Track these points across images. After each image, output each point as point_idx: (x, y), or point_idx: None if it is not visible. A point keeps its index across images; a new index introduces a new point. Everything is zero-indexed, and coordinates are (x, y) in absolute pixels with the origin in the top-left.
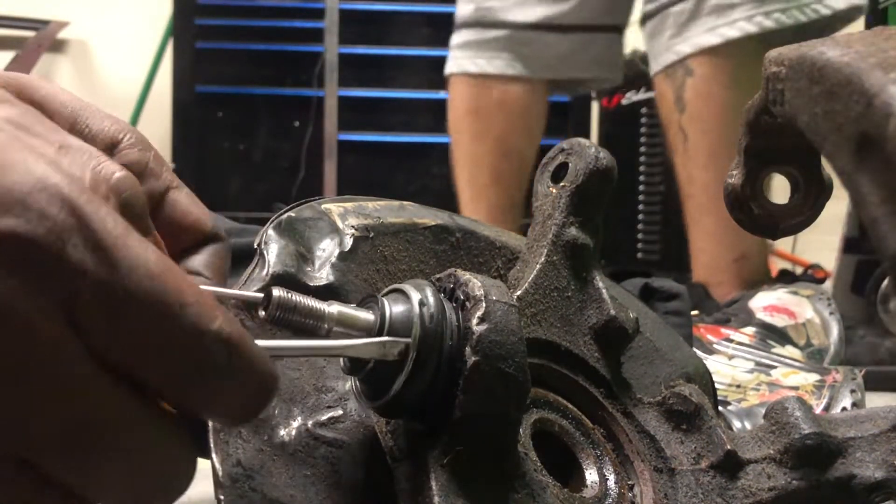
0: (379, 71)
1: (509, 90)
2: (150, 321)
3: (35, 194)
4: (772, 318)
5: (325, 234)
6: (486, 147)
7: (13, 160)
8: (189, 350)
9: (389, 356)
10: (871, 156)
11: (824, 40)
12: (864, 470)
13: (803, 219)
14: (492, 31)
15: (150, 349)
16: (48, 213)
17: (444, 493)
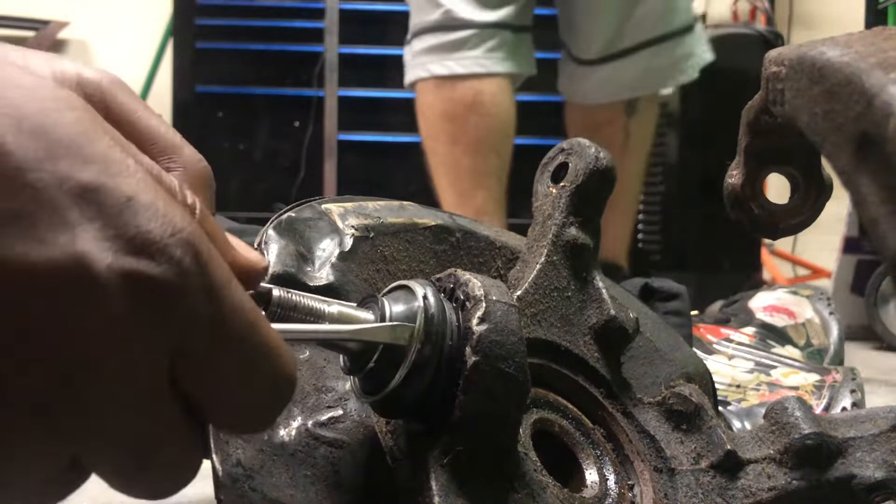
0: (379, 71)
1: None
2: (241, 364)
3: (167, 239)
4: (771, 318)
5: (325, 234)
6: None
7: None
8: (264, 391)
9: (400, 340)
10: (871, 156)
11: (824, 40)
12: (864, 470)
13: (803, 219)
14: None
15: (232, 388)
16: (179, 260)
17: (444, 493)
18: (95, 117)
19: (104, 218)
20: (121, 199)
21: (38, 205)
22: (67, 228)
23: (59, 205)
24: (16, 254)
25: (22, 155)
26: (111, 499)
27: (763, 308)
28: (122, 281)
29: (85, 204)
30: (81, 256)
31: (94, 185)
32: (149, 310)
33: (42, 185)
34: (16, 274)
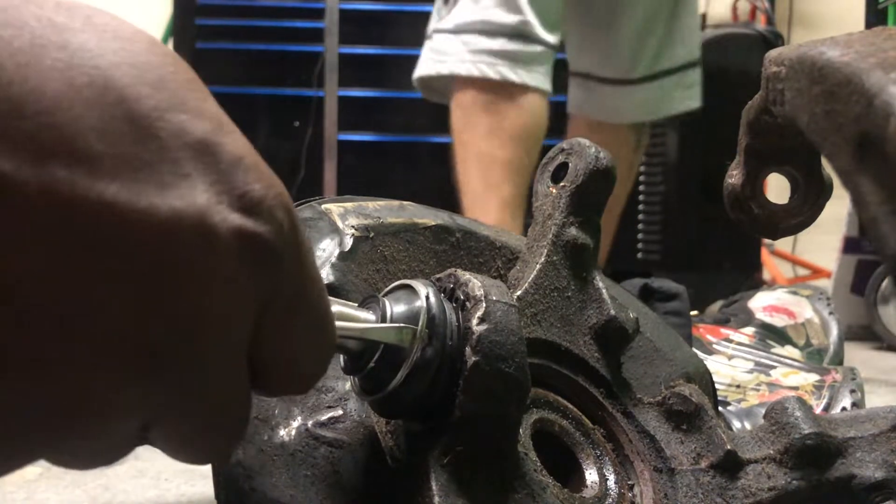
0: (379, 71)
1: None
2: (311, 330)
3: (271, 200)
4: (771, 318)
5: (325, 234)
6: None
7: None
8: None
9: (404, 341)
10: (871, 156)
11: (824, 40)
12: (864, 470)
13: (803, 219)
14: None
15: (299, 347)
16: (281, 221)
17: (444, 493)
18: (200, 82)
19: (218, 174)
20: (233, 157)
21: (162, 154)
22: (187, 180)
23: (180, 156)
24: (145, 200)
25: (149, 104)
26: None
27: (763, 308)
28: (234, 236)
29: (201, 158)
30: (200, 208)
31: (210, 141)
32: (252, 265)
33: (166, 135)
34: (143, 220)
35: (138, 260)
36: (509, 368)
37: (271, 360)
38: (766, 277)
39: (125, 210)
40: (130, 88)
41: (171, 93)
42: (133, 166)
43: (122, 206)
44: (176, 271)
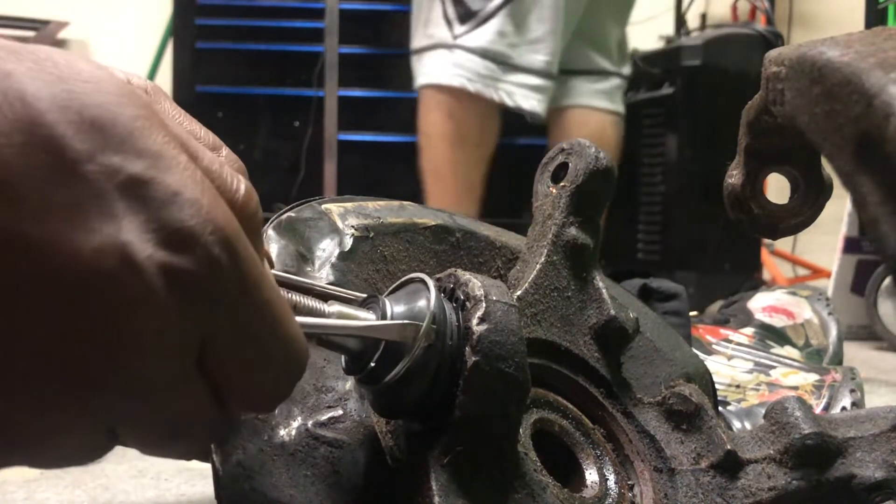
0: (379, 71)
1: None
2: (261, 355)
3: (207, 237)
4: (770, 318)
5: (325, 234)
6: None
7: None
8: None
9: (407, 339)
10: (871, 156)
11: (824, 40)
12: (864, 470)
13: (803, 219)
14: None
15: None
16: (216, 258)
17: (444, 493)
18: (154, 114)
19: (149, 211)
20: (167, 194)
21: (88, 195)
22: (113, 219)
23: (108, 196)
24: (66, 240)
25: (78, 147)
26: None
27: (762, 308)
28: (160, 272)
29: (132, 196)
30: (123, 246)
31: (143, 179)
32: (181, 301)
33: (94, 177)
34: (65, 259)
35: (58, 294)
36: (509, 368)
37: (225, 385)
38: (766, 277)
39: (44, 250)
40: (61, 130)
41: (108, 135)
42: (57, 207)
43: (42, 245)
44: (100, 305)
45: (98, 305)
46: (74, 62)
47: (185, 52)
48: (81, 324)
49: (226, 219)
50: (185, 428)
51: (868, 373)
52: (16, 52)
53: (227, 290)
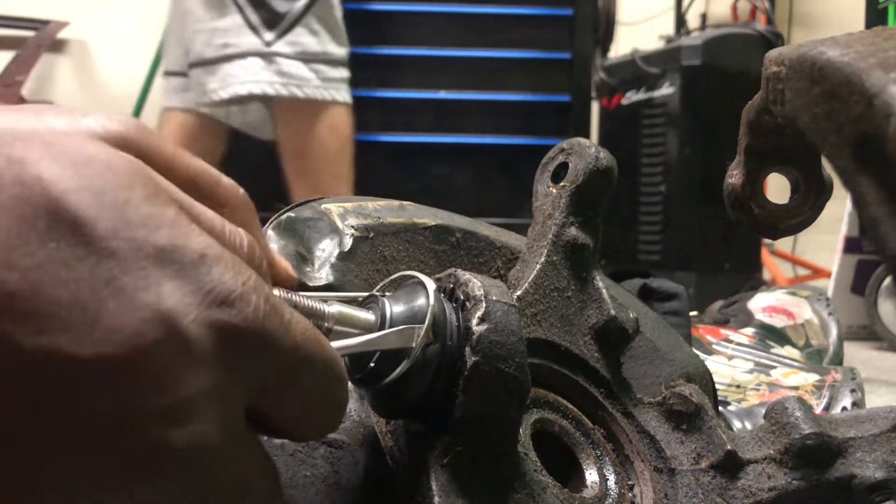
0: (379, 71)
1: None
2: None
3: (242, 288)
4: (770, 318)
5: (325, 234)
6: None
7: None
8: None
9: (407, 343)
10: (871, 156)
11: (824, 40)
12: (864, 470)
13: (803, 219)
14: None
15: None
16: (256, 306)
17: (444, 493)
18: (162, 188)
19: (182, 276)
20: (194, 256)
21: (122, 270)
22: (152, 288)
23: (141, 267)
24: (109, 316)
25: (104, 226)
26: None
27: (762, 309)
28: (208, 331)
29: (162, 264)
30: (168, 312)
31: (168, 247)
32: (233, 353)
33: (123, 252)
34: (112, 336)
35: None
36: (509, 368)
37: (281, 424)
38: (767, 277)
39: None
40: (83, 213)
41: (128, 212)
42: (94, 287)
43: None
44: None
45: (149, 379)
46: (81, 144)
47: None
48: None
49: (248, 270)
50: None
51: (868, 373)
52: (22, 137)
53: (271, 332)
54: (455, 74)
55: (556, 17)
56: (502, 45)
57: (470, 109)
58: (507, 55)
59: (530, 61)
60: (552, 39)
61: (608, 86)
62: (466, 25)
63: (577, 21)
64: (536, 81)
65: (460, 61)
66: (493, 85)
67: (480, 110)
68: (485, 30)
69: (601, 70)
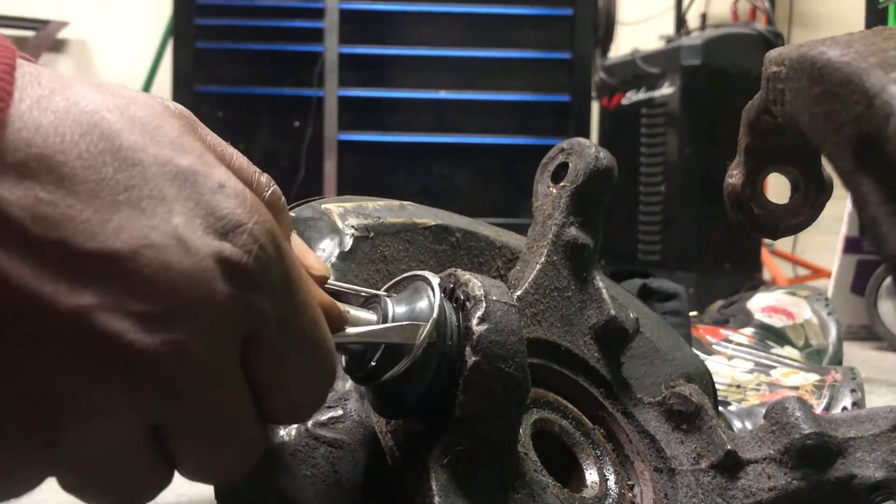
0: (379, 71)
1: None
2: (303, 355)
3: (253, 225)
4: (770, 318)
5: (325, 234)
6: None
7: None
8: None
9: (410, 339)
10: (871, 156)
11: (824, 40)
12: (864, 470)
13: (803, 219)
14: None
15: (294, 376)
16: (262, 246)
17: (444, 493)
18: (193, 127)
19: (196, 198)
20: (213, 184)
21: (141, 180)
22: (164, 203)
23: (159, 183)
24: (120, 219)
25: (131, 137)
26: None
27: (761, 309)
28: (208, 254)
29: (181, 184)
30: (174, 227)
31: (191, 170)
32: (231, 287)
33: (146, 165)
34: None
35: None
36: (509, 368)
37: (266, 386)
38: (767, 277)
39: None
40: (117, 127)
41: (157, 134)
42: (112, 189)
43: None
44: (150, 285)
45: (150, 282)
46: (124, 89)
47: (184, 52)
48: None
49: (268, 214)
50: (225, 430)
51: (868, 373)
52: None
53: (273, 280)
54: (455, 74)
55: (556, 17)
56: (502, 45)
57: (470, 109)
58: (507, 55)
59: (530, 61)
60: (552, 39)
61: (608, 86)
62: (466, 25)
63: (577, 21)
64: (536, 81)
65: (460, 61)
66: (493, 85)
67: (480, 110)
68: (485, 30)
69: (601, 70)
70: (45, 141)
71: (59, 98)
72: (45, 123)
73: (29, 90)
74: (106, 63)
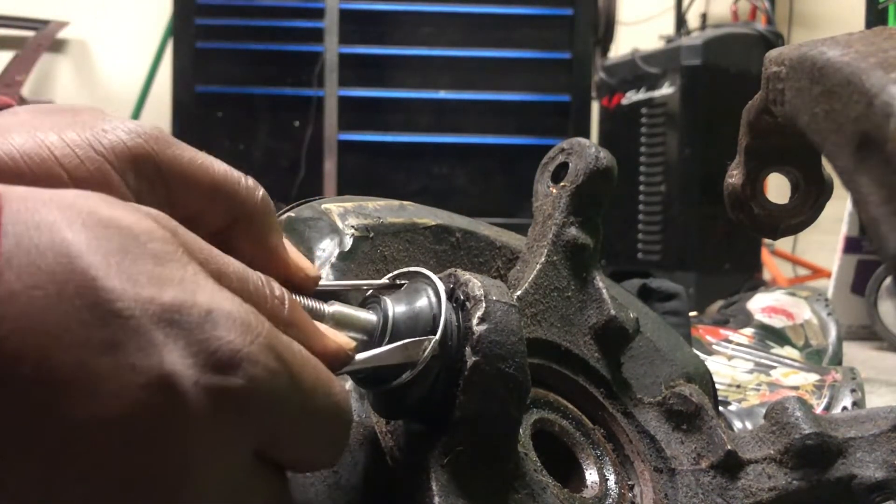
0: (379, 71)
1: None
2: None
3: (250, 348)
4: (770, 319)
5: (325, 234)
6: None
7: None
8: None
9: (413, 357)
10: (871, 156)
11: (825, 40)
12: (864, 470)
13: (803, 219)
14: None
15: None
16: (266, 365)
17: (444, 493)
18: (177, 241)
19: (186, 336)
20: (200, 314)
21: (126, 332)
22: (154, 351)
23: (145, 329)
24: (110, 381)
25: (110, 287)
26: None
27: (761, 309)
28: (207, 397)
29: (167, 324)
30: (167, 377)
31: (175, 305)
32: (233, 417)
33: (129, 313)
34: (112, 400)
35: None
36: (509, 368)
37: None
38: (767, 277)
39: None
40: (92, 273)
41: (136, 272)
42: (97, 349)
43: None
44: (150, 442)
45: (147, 442)
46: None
47: (184, 52)
48: (133, 462)
49: (263, 325)
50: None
51: (868, 373)
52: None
53: (279, 389)
54: (455, 74)
55: (556, 17)
56: (502, 45)
57: (470, 109)
58: (507, 55)
59: (530, 61)
60: (552, 39)
61: (608, 86)
62: (466, 25)
63: (577, 21)
64: (536, 81)
65: (460, 61)
66: (493, 85)
67: (480, 110)
68: (485, 30)
69: (601, 70)
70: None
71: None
72: (17, 290)
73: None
74: (106, 63)
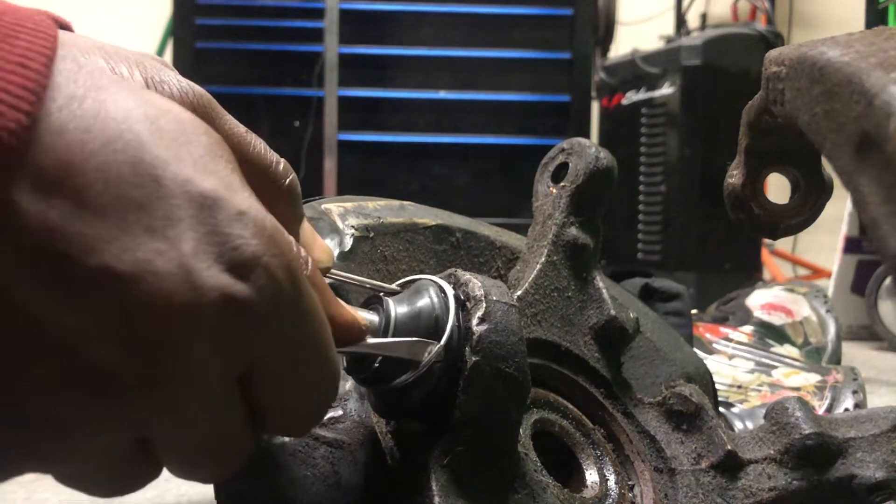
0: (379, 71)
1: None
2: (307, 383)
3: (270, 259)
4: (769, 316)
5: (325, 234)
6: None
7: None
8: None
9: (417, 356)
10: (871, 156)
11: (824, 40)
12: (864, 470)
13: (803, 219)
14: None
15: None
16: (278, 283)
17: (444, 493)
18: (224, 145)
19: (214, 224)
20: (233, 211)
21: (158, 199)
22: (178, 227)
23: (177, 204)
24: (128, 237)
25: (155, 152)
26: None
27: (760, 306)
28: (217, 290)
29: (198, 208)
30: (183, 254)
31: (211, 194)
32: (234, 323)
33: (166, 183)
34: (123, 255)
35: (107, 294)
36: (509, 368)
37: (264, 407)
38: (767, 277)
39: (98, 245)
40: (143, 139)
41: (184, 150)
42: (124, 206)
43: (96, 241)
44: (144, 314)
45: (145, 310)
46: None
47: (184, 52)
48: (125, 324)
49: (288, 244)
50: (218, 450)
51: (868, 373)
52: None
53: (283, 316)
54: (455, 74)
55: (556, 17)
56: (502, 45)
57: (470, 109)
58: (507, 55)
59: (530, 61)
60: (552, 39)
61: (608, 86)
62: (466, 25)
63: (577, 21)
64: (536, 81)
65: (460, 61)
66: (493, 85)
67: (480, 110)
68: (485, 30)
69: (601, 70)
70: (67, 148)
71: (91, 101)
72: (70, 129)
73: (63, 89)
74: None
